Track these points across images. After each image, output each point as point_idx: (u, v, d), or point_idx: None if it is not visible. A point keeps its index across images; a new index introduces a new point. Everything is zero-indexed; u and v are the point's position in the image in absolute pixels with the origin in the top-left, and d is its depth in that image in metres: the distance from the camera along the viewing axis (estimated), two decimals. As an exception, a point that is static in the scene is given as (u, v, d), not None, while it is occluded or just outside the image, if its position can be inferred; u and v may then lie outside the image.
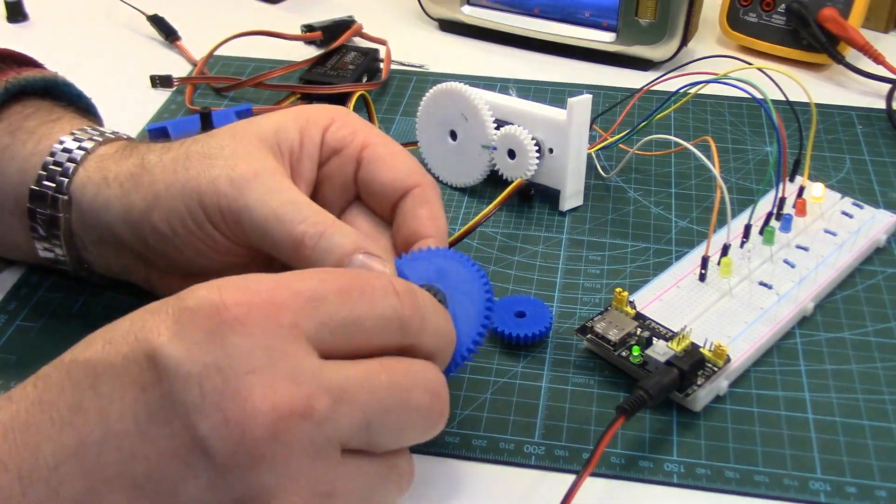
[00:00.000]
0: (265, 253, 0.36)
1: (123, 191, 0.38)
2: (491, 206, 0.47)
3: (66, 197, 0.39)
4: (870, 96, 0.65)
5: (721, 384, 0.40)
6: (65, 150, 0.40)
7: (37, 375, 0.28)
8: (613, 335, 0.41)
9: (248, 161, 0.36)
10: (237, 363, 0.25)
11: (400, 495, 0.31)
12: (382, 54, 0.67)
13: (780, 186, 0.47)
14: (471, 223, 0.46)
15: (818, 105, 0.56)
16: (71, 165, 0.40)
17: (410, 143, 0.57)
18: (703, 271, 0.45)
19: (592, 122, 0.54)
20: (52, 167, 0.40)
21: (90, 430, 0.25)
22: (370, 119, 0.60)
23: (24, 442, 0.25)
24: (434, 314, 0.30)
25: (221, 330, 0.25)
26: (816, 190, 0.50)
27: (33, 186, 0.40)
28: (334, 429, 0.26)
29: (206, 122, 0.54)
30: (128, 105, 0.64)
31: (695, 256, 0.46)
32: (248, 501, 0.25)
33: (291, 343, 0.26)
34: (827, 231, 0.48)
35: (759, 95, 0.46)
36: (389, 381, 0.28)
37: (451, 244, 0.44)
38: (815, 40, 0.65)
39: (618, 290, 0.43)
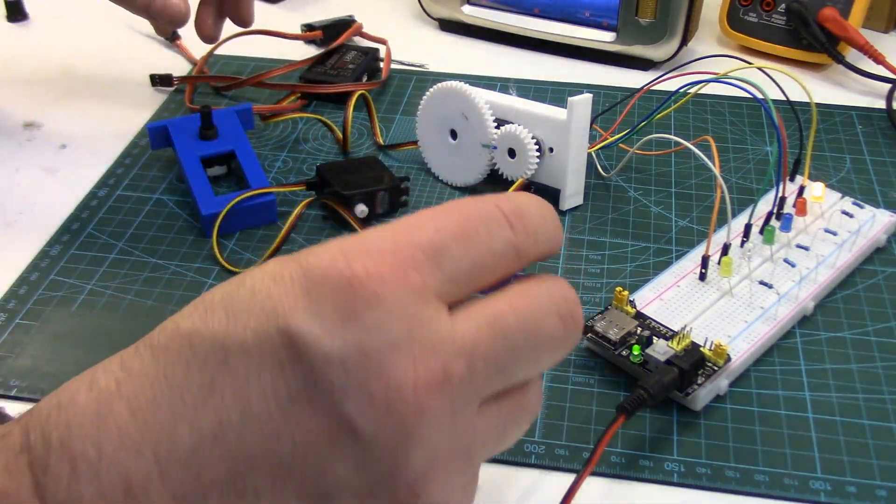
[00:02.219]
0: None
1: None
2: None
3: None
4: (870, 96, 0.65)
5: (721, 383, 0.40)
6: None
7: (151, 345, 0.26)
8: (614, 334, 0.41)
9: None
10: (377, 339, 0.24)
11: (532, 420, 0.30)
12: (382, 54, 0.67)
13: (781, 186, 0.47)
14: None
15: (818, 105, 0.56)
16: None
17: (410, 143, 0.57)
18: (703, 270, 0.45)
19: (592, 121, 0.54)
20: None
21: (228, 411, 0.24)
22: (370, 118, 0.60)
23: (157, 423, 0.24)
24: (542, 223, 0.29)
25: (358, 305, 0.24)
26: (817, 189, 0.49)
27: None
28: (473, 388, 0.26)
29: (206, 121, 0.54)
30: (128, 104, 0.64)
31: (695, 256, 0.46)
32: (395, 476, 0.25)
33: (424, 307, 0.25)
34: (827, 231, 0.48)
35: (759, 95, 0.45)
36: (518, 322, 0.27)
37: None
38: (815, 40, 0.65)
39: (618, 289, 0.43)
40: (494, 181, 0.53)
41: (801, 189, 0.50)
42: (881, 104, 0.63)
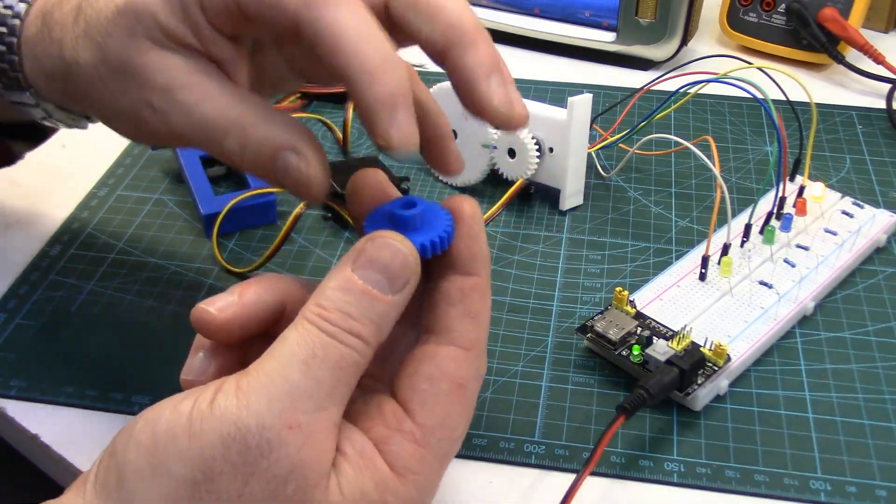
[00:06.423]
0: None
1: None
2: (494, 208, 0.48)
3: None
4: (870, 96, 0.65)
5: (721, 383, 0.40)
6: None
7: None
8: (614, 334, 0.41)
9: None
10: None
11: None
12: (382, 54, 0.67)
13: (781, 186, 0.47)
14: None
15: (818, 105, 0.56)
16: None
17: (410, 143, 0.57)
18: (703, 270, 0.45)
19: (592, 121, 0.54)
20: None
21: None
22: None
23: None
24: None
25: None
26: (817, 189, 0.50)
27: None
28: None
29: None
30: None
31: (695, 256, 0.46)
32: None
33: None
34: (827, 230, 0.48)
35: (759, 95, 0.46)
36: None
37: None
38: (815, 40, 0.65)
39: (618, 289, 0.43)
40: (494, 181, 0.53)
41: (801, 189, 0.50)
42: (881, 104, 0.63)
